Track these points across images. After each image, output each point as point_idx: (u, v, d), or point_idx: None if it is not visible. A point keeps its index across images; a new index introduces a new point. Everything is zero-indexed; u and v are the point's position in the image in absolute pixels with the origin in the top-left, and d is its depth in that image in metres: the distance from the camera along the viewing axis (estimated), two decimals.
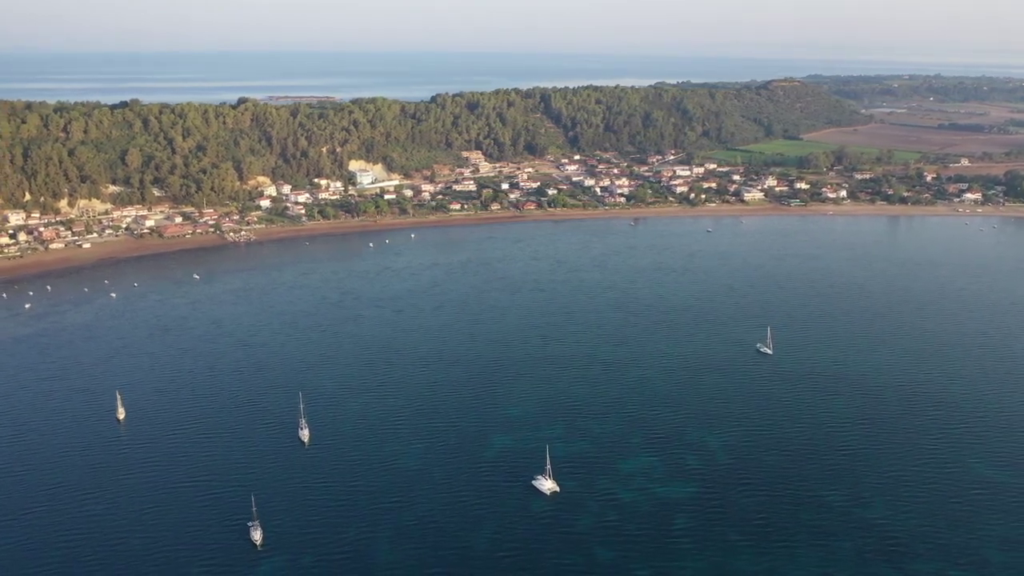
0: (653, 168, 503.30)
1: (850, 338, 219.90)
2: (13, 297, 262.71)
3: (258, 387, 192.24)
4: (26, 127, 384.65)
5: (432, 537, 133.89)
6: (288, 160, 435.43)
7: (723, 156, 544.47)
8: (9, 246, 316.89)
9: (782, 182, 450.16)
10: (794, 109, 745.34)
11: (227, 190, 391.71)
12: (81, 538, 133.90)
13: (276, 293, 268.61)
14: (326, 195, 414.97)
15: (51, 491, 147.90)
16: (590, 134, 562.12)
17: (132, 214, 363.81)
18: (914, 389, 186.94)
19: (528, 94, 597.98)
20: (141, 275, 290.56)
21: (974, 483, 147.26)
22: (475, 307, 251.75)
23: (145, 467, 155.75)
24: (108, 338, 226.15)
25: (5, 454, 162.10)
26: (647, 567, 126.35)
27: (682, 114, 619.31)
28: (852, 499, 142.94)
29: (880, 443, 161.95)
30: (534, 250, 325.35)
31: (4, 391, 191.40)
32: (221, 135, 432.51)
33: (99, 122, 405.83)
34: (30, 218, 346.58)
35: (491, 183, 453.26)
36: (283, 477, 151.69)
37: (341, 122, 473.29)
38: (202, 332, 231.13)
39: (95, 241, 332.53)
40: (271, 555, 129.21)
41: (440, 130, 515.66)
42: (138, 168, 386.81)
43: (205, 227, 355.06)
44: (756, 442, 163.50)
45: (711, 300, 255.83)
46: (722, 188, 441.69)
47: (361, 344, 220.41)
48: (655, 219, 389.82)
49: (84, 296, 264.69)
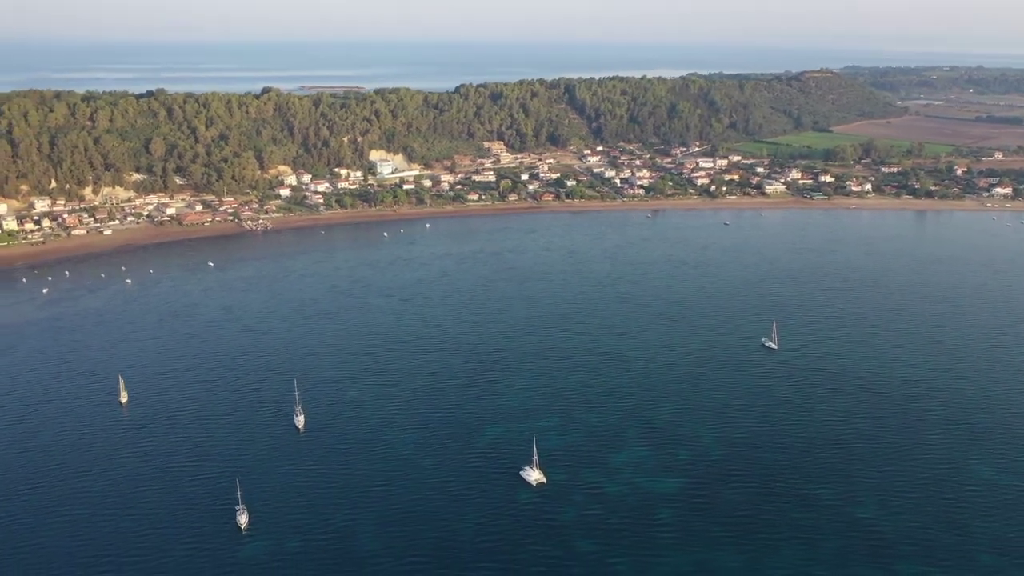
0: (676, 160, 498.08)
1: (859, 334, 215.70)
2: (33, 282, 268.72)
3: (260, 373, 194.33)
4: (54, 116, 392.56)
5: (416, 525, 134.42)
6: (309, 150, 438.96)
7: (749, 148, 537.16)
8: (33, 232, 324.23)
9: (806, 175, 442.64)
10: (826, 101, 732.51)
11: (248, 179, 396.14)
12: (75, 515, 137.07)
13: (287, 281, 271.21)
14: (346, 185, 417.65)
15: (51, 469, 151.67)
16: (614, 125, 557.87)
17: (154, 202, 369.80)
18: (920, 387, 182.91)
19: (552, 85, 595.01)
20: (157, 262, 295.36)
21: (972, 484, 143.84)
22: (482, 297, 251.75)
23: (142, 449, 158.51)
24: (119, 323, 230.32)
25: (11, 432, 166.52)
26: (626, 560, 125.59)
27: (709, 105, 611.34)
28: (843, 497, 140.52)
29: (879, 441, 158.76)
30: (547, 241, 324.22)
31: (15, 372, 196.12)
32: (244, 124, 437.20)
33: (124, 111, 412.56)
34: (55, 205, 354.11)
35: (511, 174, 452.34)
36: (274, 463, 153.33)
37: (363, 112, 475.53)
38: (211, 318, 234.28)
39: (116, 228, 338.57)
40: (255, 539, 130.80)
41: (462, 120, 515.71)
42: (161, 157, 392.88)
43: (224, 215, 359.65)
44: (751, 437, 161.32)
45: (720, 293, 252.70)
46: (744, 181, 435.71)
47: (365, 332, 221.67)
48: (673, 211, 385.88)
49: (100, 282, 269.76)
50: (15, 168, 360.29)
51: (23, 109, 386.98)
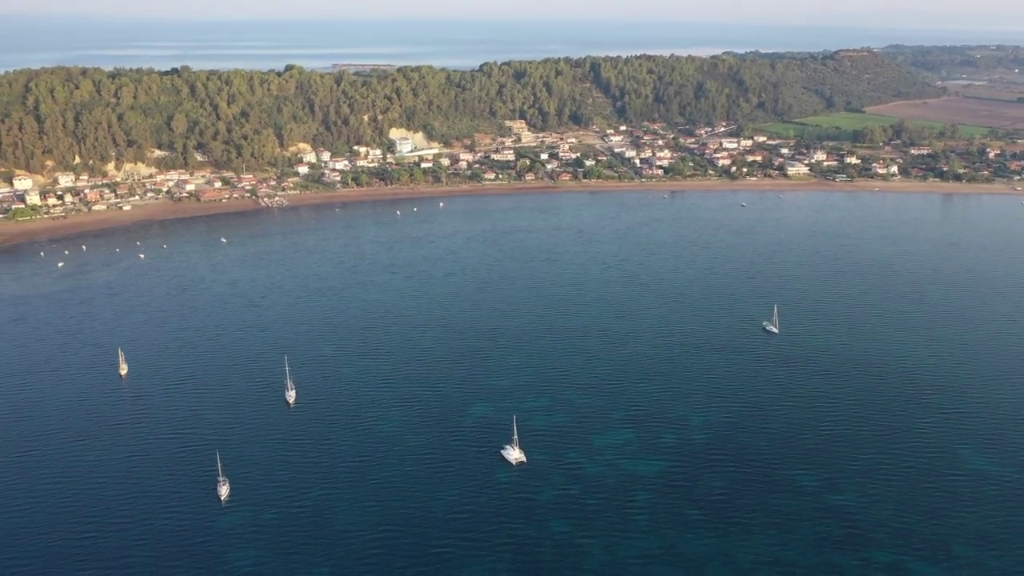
0: (700, 140, 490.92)
1: (863, 319, 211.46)
2: (50, 255, 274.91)
3: (258, 348, 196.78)
4: (79, 92, 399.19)
5: (393, 500, 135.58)
6: (330, 127, 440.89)
7: (776, 129, 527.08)
8: (55, 207, 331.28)
9: (832, 156, 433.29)
10: (861, 81, 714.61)
11: (267, 156, 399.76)
12: (64, 481, 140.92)
13: (296, 257, 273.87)
14: (364, 163, 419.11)
15: (47, 435, 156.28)
16: (638, 104, 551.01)
17: (174, 178, 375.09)
18: (918, 373, 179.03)
19: (577, 63, 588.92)
20: (172, 237, 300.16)
21: (960, 473, 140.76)
22: (485, 275, 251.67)
23: (134, 420, 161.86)
24: (128, 296, 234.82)
25: (14, 398, 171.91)
26: (597, 541, 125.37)
27: (738, 85, 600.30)
28: (825, 483, 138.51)
29: (869, 427, 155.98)
30: (559, 220, 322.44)
31: (23, 342, 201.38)
32: (265, 102, 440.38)
33: (148, 88, 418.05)
34: (79, 180, 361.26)
35: (530, 153, 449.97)
36: (260, 436, 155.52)
37: (384, 90, 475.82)
38: (217, 292, 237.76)
39: (136, 203, 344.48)
40: (233, 510, 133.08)
41: (484, 99, 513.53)
42: (183, 133, 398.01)
43: (242, 192, 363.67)
44: (739, 421, 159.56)
45: (726, 275, 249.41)
46: (767, 162, 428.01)
47: (364, 309, 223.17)
48: (691, 192, 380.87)
49: (115, 256, 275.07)
50: (41, 144, 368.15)
51: (50, 86, 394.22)
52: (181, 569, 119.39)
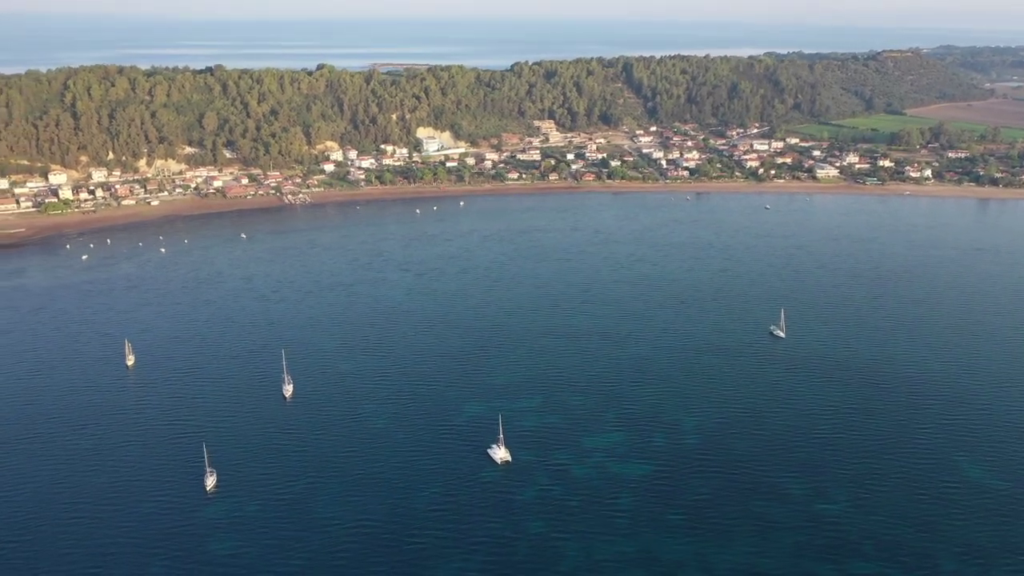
0: (730, 142, 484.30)
1: (874, 325, 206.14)
2: (76, 248, 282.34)
3: (263, 341, 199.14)
4: (115, 90, 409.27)
5: (375, 495, 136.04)
6: (358, 126, 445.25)
7: (810, 131, 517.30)
8: (86, 201, 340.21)
9: (865, 159, 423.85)
10: (903, 82, 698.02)
11: (294, 154, 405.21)
12: (62, 466, 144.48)
13: (312, 253, 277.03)
14: (390, 161, 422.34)
15: (51, 421, 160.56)
16: (670, 105, 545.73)
17: (203, 174, 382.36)
18: (925, 382, 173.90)
19: (610, 63, 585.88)
20: (194, 232, 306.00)
21: (956, 484, 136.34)
22: (496, 274, 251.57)
23: (135, 410, 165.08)
24: (145, 288, 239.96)
25: (24, 384, 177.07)
26: (574, 543, 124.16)
27: (774, 86, 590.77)
28: (813, 491, 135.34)
29: (866, 435, 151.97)
30: (577, 220, 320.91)
31: (40, 330, 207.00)
32: (295, 100, 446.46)
33: (182, 86, 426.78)
34: (111, 176, 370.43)
35: (557, 153, 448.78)
36: (253, 429, 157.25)
37: (413, 89, 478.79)
38: (231, 287, 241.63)
39: (164, 199, 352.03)
40: (218, 501, 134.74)
41: (513, 99, 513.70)
42: (213, 131, 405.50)
43: (267, 189, 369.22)
44: (733, 426, 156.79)
45: (739, 278, 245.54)
46: (797, 164, 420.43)
47: (372, 305, 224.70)
48: (716, 194, 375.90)
49: (137, 250, 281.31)
50: (76, 140, 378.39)
51: (87, 84, 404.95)
52: (161, 556, 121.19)
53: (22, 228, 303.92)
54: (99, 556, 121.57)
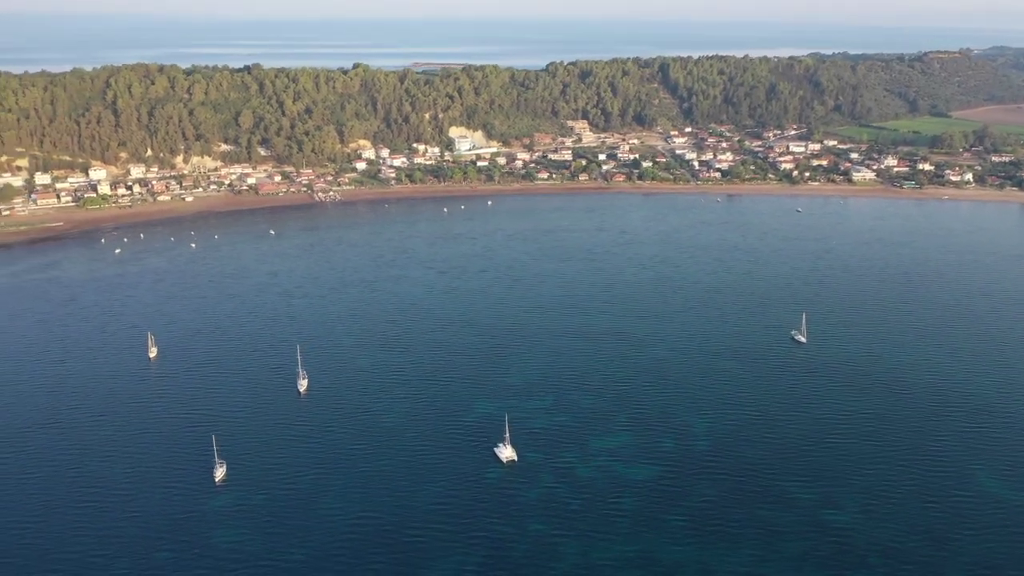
0: (766, 143, 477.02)
1: (899, 331, 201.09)
2: (110, 242, 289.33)
3: (282, 336, 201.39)
4: (154, 88, 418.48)
5: (379, 490, 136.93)
6: (391, 125, 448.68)
7: (850, 133, 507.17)
8: (123, 196, 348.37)
9: (903, 162, 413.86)
10: (950, 83, 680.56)
11: (327, 152, 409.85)
12: (79, 453, 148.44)
13: (338, 250, 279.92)
14: (422, 160, 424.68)
15: (72, 409, 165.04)
16: (706, 106, 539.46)
17: (238, 171, 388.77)
18: (947, 390, 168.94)
19: (646, 63, 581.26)
20: (225, 228, 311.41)
21: (972, 496, 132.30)
22: (518, 273, 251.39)
23: (153, 401, 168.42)
24: (172, 282, 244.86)
25: (49, 373, 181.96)
26: (573, 545, 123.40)
27: (814, 87, 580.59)
28: (822, 499, 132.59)
29: (882, 443, 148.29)
30: (603, 221, 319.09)
31: (69, 321, 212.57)
32: (330, 99, 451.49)
33: (219, 84, 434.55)
34: (149, 172, 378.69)
35: (589, 153, 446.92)
36: (266, 423, 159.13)
37: (446, 88, 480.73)
38: (256, 282, 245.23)
39: (199, 195, 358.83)
40: (226, 492, 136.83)
41: (547, 99, 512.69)
42: (249, 129, 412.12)
43: (299, 186, 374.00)
44: (745, 431, 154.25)
45: (764, 281, 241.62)
46: (832, 167, 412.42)
47: (392, 302, 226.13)
48: (748, 196, 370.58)
49: (169, 245, 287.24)
50: (116, 136, 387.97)
51: (128, 82, 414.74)
52: (166, 545, 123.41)
53: (60, 222, 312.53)
54: (107, 541, 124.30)
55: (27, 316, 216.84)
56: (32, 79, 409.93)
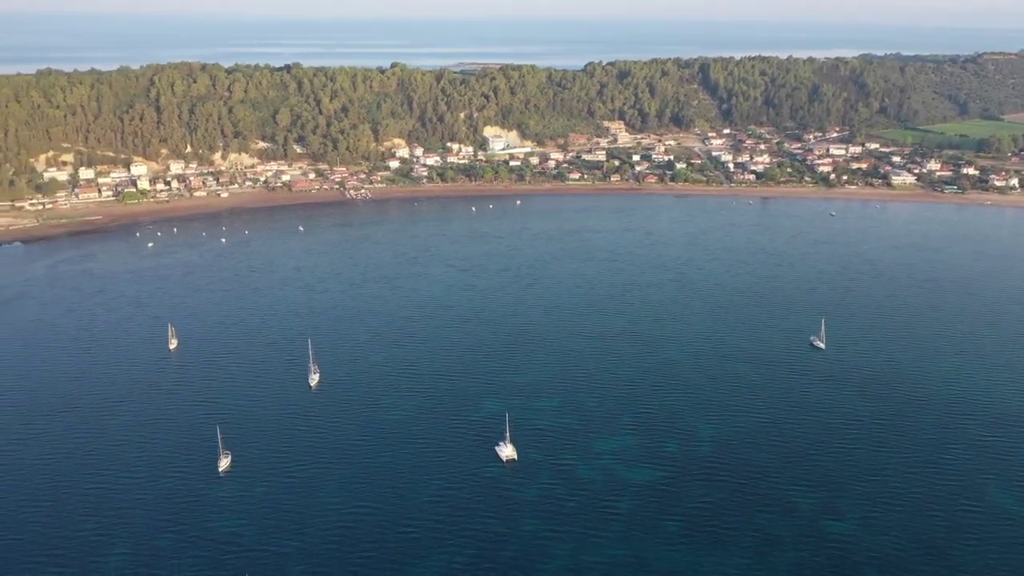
0: (806, 146, 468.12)
1: (922, 339, 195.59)
2: (144, 236, 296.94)
3: (300, 329, 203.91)
4: (196, 86, 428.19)
5: (378, 484, 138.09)
6: (426, 124, 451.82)
7: (893, 136, 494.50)
8: (161, 191, 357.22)
9: (947, 166, 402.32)
10: (1004, 86, 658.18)
11: (361, 150, 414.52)
12: (94, 438, 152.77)
13: (363, 247, 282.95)
14: (455, 159, 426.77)
15: (91, 396, 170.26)
16: (746, 107, 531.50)
17: (273, 169, 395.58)
18: (966, 401, 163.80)
19: (686, 64, 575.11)
20: (256, 224, 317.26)
21: (981, 509, 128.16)
22: (539, 272, 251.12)
23: (168, 391, 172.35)
24: (200, 275, 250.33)
25: (74, 361, 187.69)
26: (565, 545, 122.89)
27: (859, 88, 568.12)
28: (823, 507, 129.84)
29: (891, 453, 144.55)
30: (631, 222, 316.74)
31: (98, 311, 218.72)
32: (366, 98, 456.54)
33: (259, 83, 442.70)
34: (187, 168, 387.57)
35: (623, 154, 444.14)
36: (276, 415, 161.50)
37: (482, 88, 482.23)
38: (280, 276, 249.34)
39: (234, 192, 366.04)
40: (228, 482, 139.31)
41: (583, 99, 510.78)
42: (286, 127, 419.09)
43: (331, 184, 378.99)
44: (752, 437, 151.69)
45: (787, 285, 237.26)
46: (872, 170, 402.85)
47: (411, 299, 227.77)
48: (782, 199, 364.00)
49: (200, 239, 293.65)
50: (158, 133, 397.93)
51: (171, 80, 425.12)
52: (167, 530, 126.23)
53: (99, 216, 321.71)
54: (112, 524, 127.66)
55: (58, 305, 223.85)
56: (80, 77, 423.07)
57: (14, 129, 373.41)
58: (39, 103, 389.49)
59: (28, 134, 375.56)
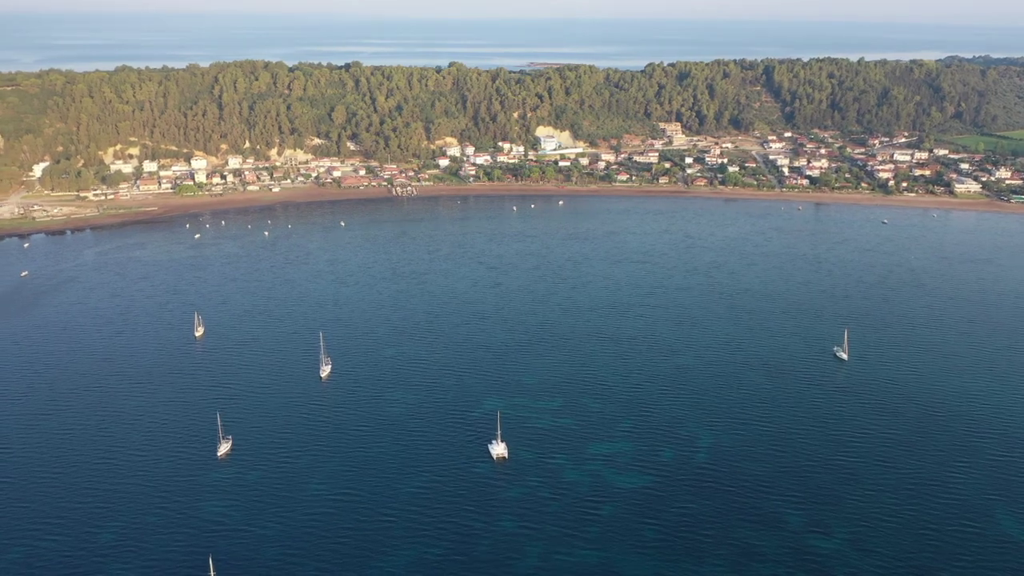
0: (869, 151, 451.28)
1: (955, 354, 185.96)
2: (193, 227, 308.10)
3: (321, 321, 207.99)
4: (257, 84, 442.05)
5: (367, 475, 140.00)
6: (479, 123, 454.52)
7: (966, 142, 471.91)
8: (216, 185, 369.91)
9: (1018, 175, 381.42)
10: None
11: (412, 148, 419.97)
12: (111, 417, 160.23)
13: (399, 242, 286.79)
14: (505, 159, 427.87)
15: (116, 376, 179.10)
16: (809, 110, 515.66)
17: (326, 165, 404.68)
18: (987, 420, 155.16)
19: (750, 65, 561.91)
20: (300, 218, 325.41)
21: (983, 534, 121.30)
22: (568, 272, 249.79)
23: (187, 376, 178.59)
24: (238, 265, 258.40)
25: (107, 343, 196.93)
26: (538, 545, 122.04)
27: (933, 92, 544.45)
28: (812, 523, 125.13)
29: (897, 470, 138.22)
30: (671, 224, 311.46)
31: (137, 297, 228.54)
32: (421, 97, 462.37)
33: (317, 81, 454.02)
34: (244, 163, 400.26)
35: (676, 156, 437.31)
36: (281, 404, 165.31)
37: (536, 88, 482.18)
38: (314, 269, 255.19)
39: (285, 186, 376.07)
40: (224, 467, 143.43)
41: (640, 100, 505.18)
42: (341, 124, 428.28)
43: (380, 180, 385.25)
44: (753, 448, 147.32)
45: (821, 293, 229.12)
46: (936, 177, 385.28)
47: (436, 294, 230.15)
48: (834, 205, 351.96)
49: (245, 232, 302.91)
50: (218, 129, 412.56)
51: (234, 77, 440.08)
52: (158, 509, 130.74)
53: (155, 207, 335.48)
54: (110, 499, 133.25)
55: (102, 290, 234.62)
56: (150, 74, 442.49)
57: (86, 123, 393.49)
58: (110, 99, 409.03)
59: (98, 128, 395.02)
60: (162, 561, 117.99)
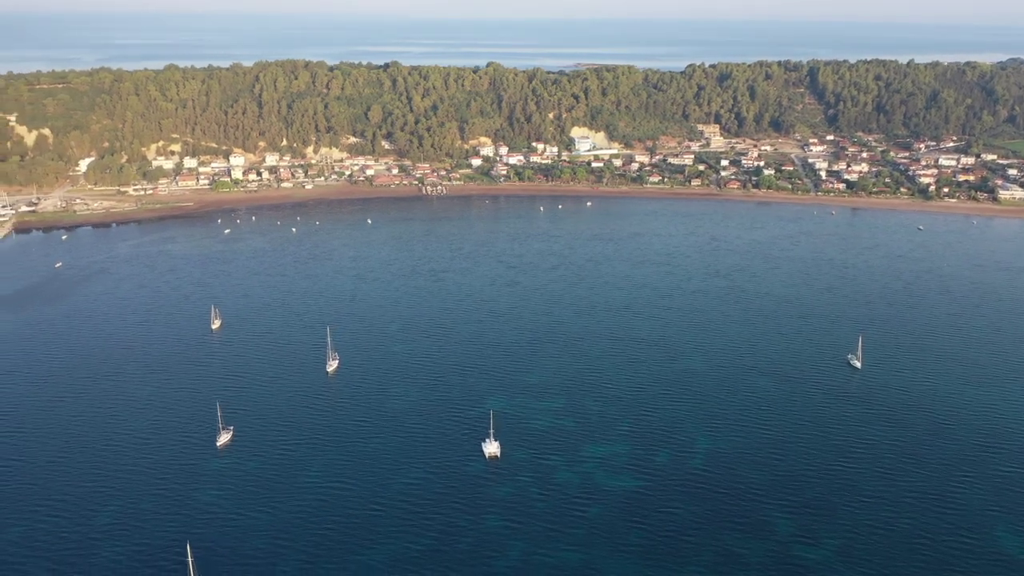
0: (914, 155, 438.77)
1: (974, 366, 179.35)
2: (224, 222, 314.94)
3: (336, 316, 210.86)
4: (296, 83, 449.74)
5: (360, 469, 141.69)
6: (513, 123, 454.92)
7: (1019, 146, 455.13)
8: (252, 182, 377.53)
9: None
10: None
11: (445, 147, 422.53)
12: (122, 403, 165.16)
13: (423, 241, 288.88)
14: (538, 159, 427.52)
15: (132, 363, 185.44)
16: (853, 113, 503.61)
17: (360, 163, 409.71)
18: (999, 434, 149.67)
19: (793, 67, 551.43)
20: (330, 215, 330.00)
21: (979, 550, 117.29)
22: (586, 273, 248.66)
23: (199, 367, 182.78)
24: (262, 260, 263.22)
25: (128, 332, 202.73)
26: (521, 544, 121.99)
27: (986, 95, 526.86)
28: (802, 532, 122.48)
29: (898, 482, 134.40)
30: (698, 227, 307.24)
31: (162, 289, 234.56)
32: (457, 96, 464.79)
33: (355, 80, 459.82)
34: (281, 160, 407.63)
35: (712, 158, 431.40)
36: (285, 398, 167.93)
37: (572, 89, 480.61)
38: (336, 265, 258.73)
39: (319, 184, 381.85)
40: (223, 457, 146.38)
41: (678, 101, 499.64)
42: (377, 123, 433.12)
43: (411, 179, 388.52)
44: (751, 454, 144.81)
45: (843, 299, 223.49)
46: (981, 183, 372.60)
47: (452, 291, 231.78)
48: (870, 210, 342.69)
49: (274, 227, 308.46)
50: (257, 127, 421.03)
51: (274, 76, 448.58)
52: (154, 495, 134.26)
53: (191, 203, 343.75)
54: (111, 482, 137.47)
55: (131, 281, 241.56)
56: (194, 73, 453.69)
57: (131, 120, 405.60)
58: (155, 96, 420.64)
59: (142, 125, 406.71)
60: (147, 546, 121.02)
